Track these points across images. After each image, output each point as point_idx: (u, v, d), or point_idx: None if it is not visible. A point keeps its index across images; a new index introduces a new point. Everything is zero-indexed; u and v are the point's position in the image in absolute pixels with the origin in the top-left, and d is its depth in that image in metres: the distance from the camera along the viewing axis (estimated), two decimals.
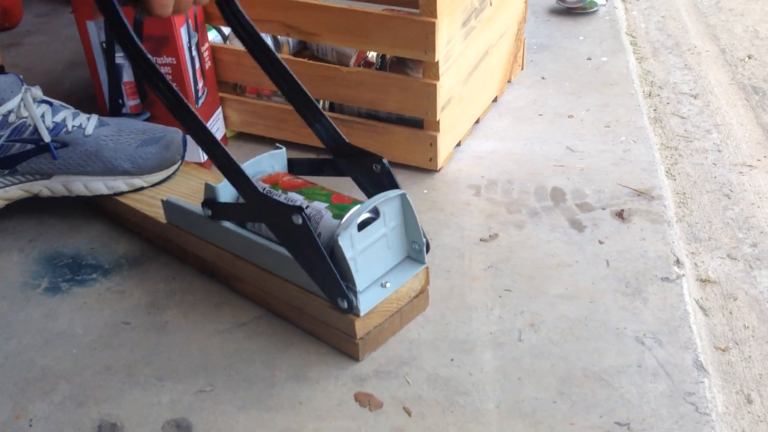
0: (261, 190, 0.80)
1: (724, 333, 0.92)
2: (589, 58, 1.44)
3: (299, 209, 0.77)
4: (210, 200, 0.86)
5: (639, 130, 1.21)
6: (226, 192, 0.86)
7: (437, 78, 1.05)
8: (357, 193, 0.88)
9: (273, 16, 1.09)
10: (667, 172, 1.15)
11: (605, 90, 1.33)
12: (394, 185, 0.84)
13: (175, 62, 1.04)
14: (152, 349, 0.84)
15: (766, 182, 1.17)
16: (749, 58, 1.54)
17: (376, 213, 0.81)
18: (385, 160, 0.85)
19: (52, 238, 1.01)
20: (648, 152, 1.15)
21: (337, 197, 0.83)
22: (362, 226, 0.80)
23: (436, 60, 1.03)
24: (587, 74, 1.38)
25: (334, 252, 0.77)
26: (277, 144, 0.93)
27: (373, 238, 0.81)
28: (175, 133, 1.01)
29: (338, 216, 0.80)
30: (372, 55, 1.22)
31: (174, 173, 1.03)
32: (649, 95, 1.43)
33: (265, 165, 0.91)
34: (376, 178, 0.86)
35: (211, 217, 0.87)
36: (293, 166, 0.94)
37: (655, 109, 1.39)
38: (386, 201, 0.81)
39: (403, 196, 0.82)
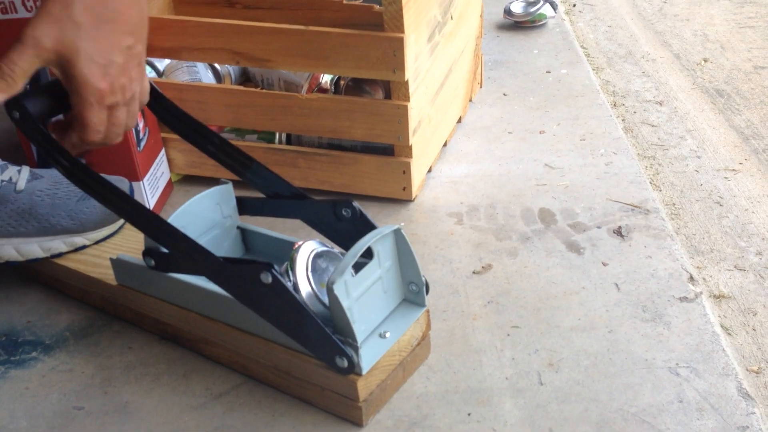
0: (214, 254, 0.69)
1: (753, 353, 0.84)
2: (549, 71, 1.37)
3: (267, 266, 0.66)
4: (152, 249, 0.75)
5: (617, 141, 1.14)
6: None
7: (407, 99, 0.95)
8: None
9: (218, 44, 0.98)
10: (650, 183, 1.08)
11: (572, 102, 1.26)
12: (371, 228, 0.74)
13: None
14: None
15: (755, 186, 1.12)
16: (705, 61, 1.51)
17: (368, 254, 0.70)
18: (355, 203, 0.75)
19: None
20: (632, 163, 1.08)
21: None
22: (356, 269, 0.69)
23: (405, 79, 0.93)
24: (550, 88, 1.32)
25: (329, 302, 0.66)
26: (222, 180, 0.82)
27: (368, 283, 0.70)
28: (120, 182, 0.89)
29: None
30: (326, 80, 1.12)
31: (120, 228, 0.90)
32: (614, 105, 1.37)
33: (207, 208, 0.80)
34: (346, 224, 0.76)
35: (154, 268, 0.76)
36: (244, 206, 0.83)
37: (623, 119, 1.33)
38: (380, 239, 0.70)
39: (397, 232, 0.72)
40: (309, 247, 0.73)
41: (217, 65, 1.13)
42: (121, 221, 0.90)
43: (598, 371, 0.74)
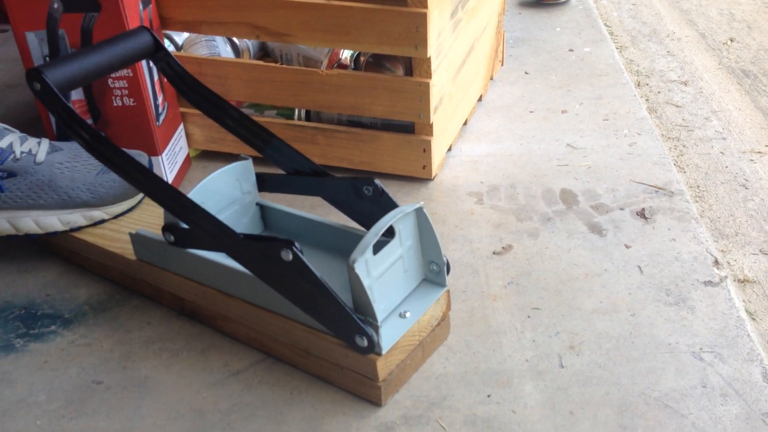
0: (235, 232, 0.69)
1: None
2: (571, 50, 1.35)
3: (288, 243, 0.65)
4: (172, 224, 0.75)
5: (640, 122, 1.12)
6: None
7: (429, 76, 0.94)
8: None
9: (238, 17, 0.97)
10: (675, 164, 1.06)
11: (595, 81, 1.24)
12: (393, 206, 0.73)
13: (131, 75, 0.91)
14: (134, 413, 0.71)
15: None
16: (731, 41, 1.48)
17: (390, 232, 0.69)
18: (377, 181, 0.74)
19: None
20: (656, 144, 1.06)
21: None
22: (376, 248, 0.68)
23: (428, 55, 0.92)
24: (572, 66, 1.30)
25: (350, 281, 0.66)
26: (242, 155, 0.81)
27: (389, 262, 0.69)
28: (140, 155, 0.88)
29: None
30: (346, 56, 1.11)
31: (139, 202, 0.89)
32: (638, 85, 1.35)
33: (226, 184, 0.79)
34: (367, 202, 0.75)
35: (174, 244, 0.76)
36: (264, 182, 0.83)
37: (647, 99, 1.31)
38: (401, 218, 0.69)
39: (419, 211, 0.71)
40: None
41: (236, 39, 1.12)
42: (141, 195, 0.90)
43: (620, 355, 0.73)
